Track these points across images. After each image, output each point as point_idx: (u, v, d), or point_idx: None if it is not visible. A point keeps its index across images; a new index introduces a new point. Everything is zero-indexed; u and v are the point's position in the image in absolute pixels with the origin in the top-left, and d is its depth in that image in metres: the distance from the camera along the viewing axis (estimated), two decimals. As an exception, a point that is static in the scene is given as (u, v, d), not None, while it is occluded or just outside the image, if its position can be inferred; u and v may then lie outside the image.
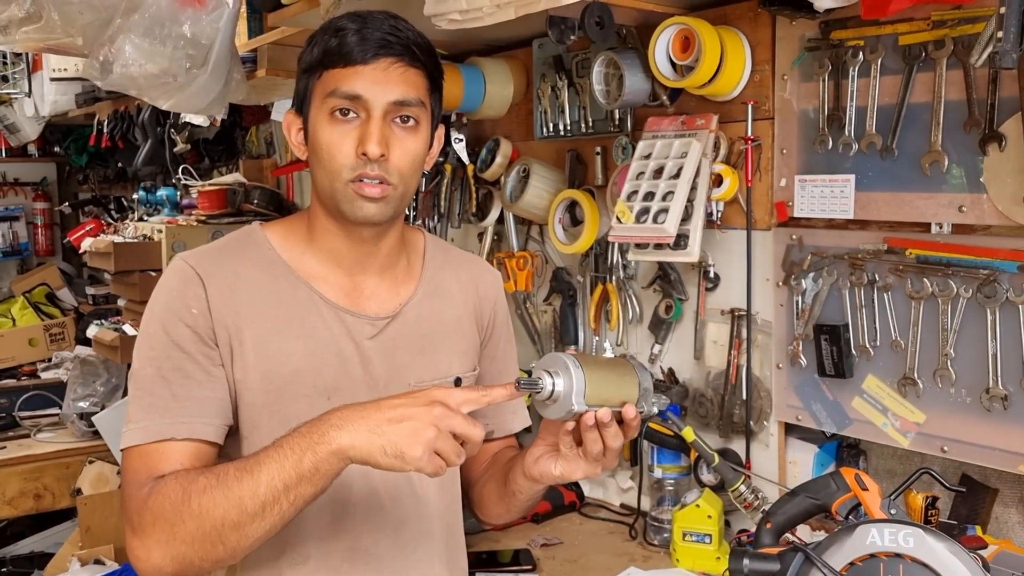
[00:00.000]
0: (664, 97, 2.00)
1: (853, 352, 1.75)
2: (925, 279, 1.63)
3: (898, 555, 1.15)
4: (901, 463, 1.80)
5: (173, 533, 1.12)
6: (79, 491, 3.48)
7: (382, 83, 1.23)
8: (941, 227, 1.62)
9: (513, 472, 1.32)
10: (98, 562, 3.25)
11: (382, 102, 1.24)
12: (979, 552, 1.27)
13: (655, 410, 1.21)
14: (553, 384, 1.13)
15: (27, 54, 3.96)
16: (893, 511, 1.25)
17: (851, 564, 1.18)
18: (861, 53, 1.69)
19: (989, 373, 1.57)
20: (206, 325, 1.25)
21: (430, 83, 1.30)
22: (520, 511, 1.42)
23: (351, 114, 1.24)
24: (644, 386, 1.20)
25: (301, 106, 1.31)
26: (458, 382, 1.40)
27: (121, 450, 1.23)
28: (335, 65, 1.24)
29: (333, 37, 1.24)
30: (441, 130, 1.38)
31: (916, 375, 1.66)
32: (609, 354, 1.21)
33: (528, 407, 1.54)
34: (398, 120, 1.26)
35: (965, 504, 1.68)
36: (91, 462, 3.54)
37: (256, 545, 1.14)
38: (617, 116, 2.16)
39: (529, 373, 1.14)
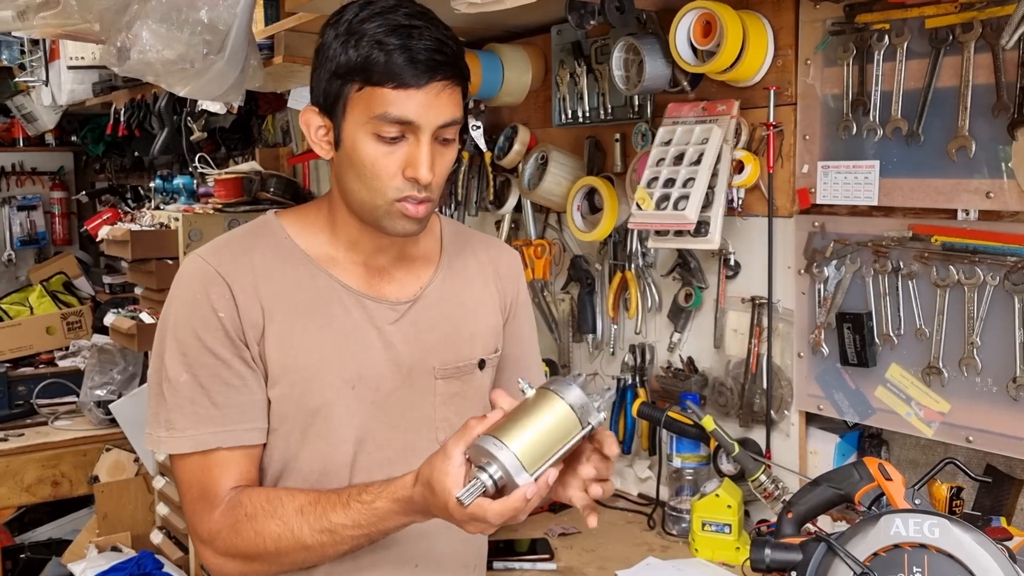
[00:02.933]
0: (685, 83, 1.98)
1: (876, 341, 1.73)
2: (951, 266, 1.61)
3: (923, 546, 1.13)
4: (924, 453, 1.78)
5: (250, 562, 1.23)
6: (96, 478, 3.50)
7: (434, 107, 1.20)
8: (967, 213, 1.60)
9: None
10: (115, 549, 3.28)
11: (432, 126, 1.20)
12: (1005, 544, 1.25)
13: (602, 416, 1.11)
14: (491, 477, 1.05)
15: (44, 42, 3.96)
16: (917, 501, 1.23)
17: (875, 555, 1.16)
18: (887, 37, 1.66)
19: (1016, 362, 1.54)
20: (235, 326, 1.24)
21: (464, 90, 1.26)
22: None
23: (398, 134, 1.21)
24: (577, 404, 1.09)
25: (330, 109, 1.24)
26: (482, 364, 1.39)
27: (172, 457, 1.29)
28: (383, 84, 1.18)
29: (377, 49, 1.17)
30: None
31: (941, 364, 1.64)
32: (527, 393, 1.10)
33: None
34: (440, 139, 1.23)
35: (989, 495, 1.66)
36: (108, 450, 3.56)
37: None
38: (637, 102, 2.14)
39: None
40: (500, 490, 1.06)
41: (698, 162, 1.88)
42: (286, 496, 1.22)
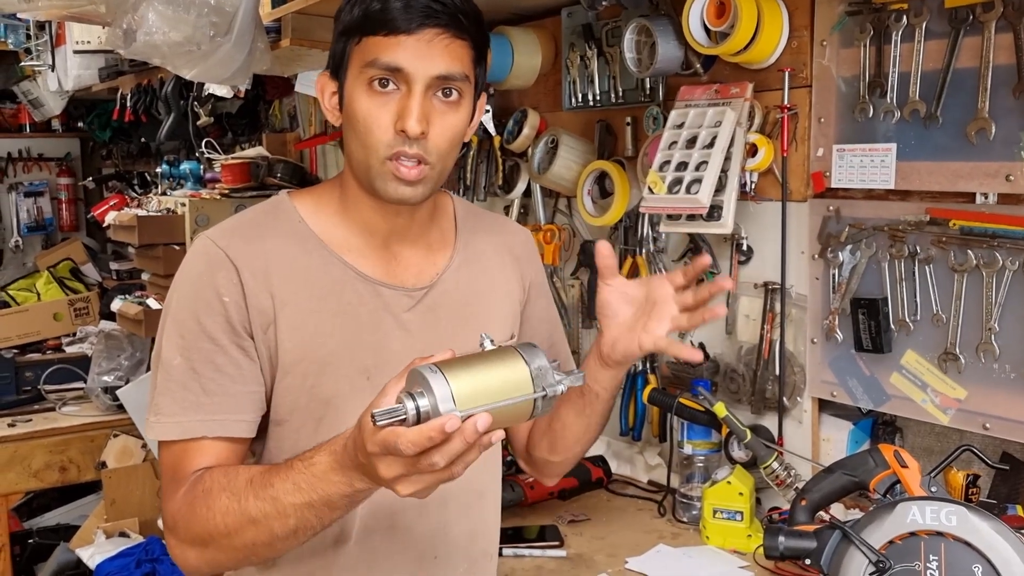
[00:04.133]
0: (697, 65, 1.96)
1: (892, 326, 1.71)
2: (969, 251, 1.58)
3: (940, 533, 1.12)
4: (939, 440, 1.76)
5: (205, 547, 1.15)
6: (104, 464, 3.50)
7: (425, 56, 1.16)
8: (986, 197, 1.57)
9: (590, 371, 1.27)
10: (123, 534, 3.27)
11: (424, 76, 1.16)
12: (1022, 532, 1.23)
13: (560, 388, 1.00)
14: (417, 406, 0.93)
15: (50, 26, 3.94)
16: (934, 489, 1.21)
17: (891, 542, 1.14)
18: (905, 17, 1.64)
19: (1035, 348, 1.52)
20: (240, 314, 1.21)
21: (475, 53, 1.22)
22: (599, 425, 1.36)
23: (390, 86, 1.17)
24: (535, 366, 0.99)
25: (337, 70, 1.24)
26: None
27: (158, 442, 1.24)
28: (376, 32, 1.17)
29: (376, 2, 1.17)
30: (483, 99, 1.31)
31: (958, 350, 1.62)
32: (489, 346, 1.03)
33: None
34: (440, 94, 1.19)
35: (1006, 483, 1.64)
36: (115, 435, 3.56)
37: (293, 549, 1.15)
38: (648, 85, 2.12)
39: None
40: (419, 422, 0.94)
41: (711, 145, 1.85)
42: (243, 470, 1.15)
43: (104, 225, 3.84)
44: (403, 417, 0.93)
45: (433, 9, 1.16)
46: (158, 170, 4.05)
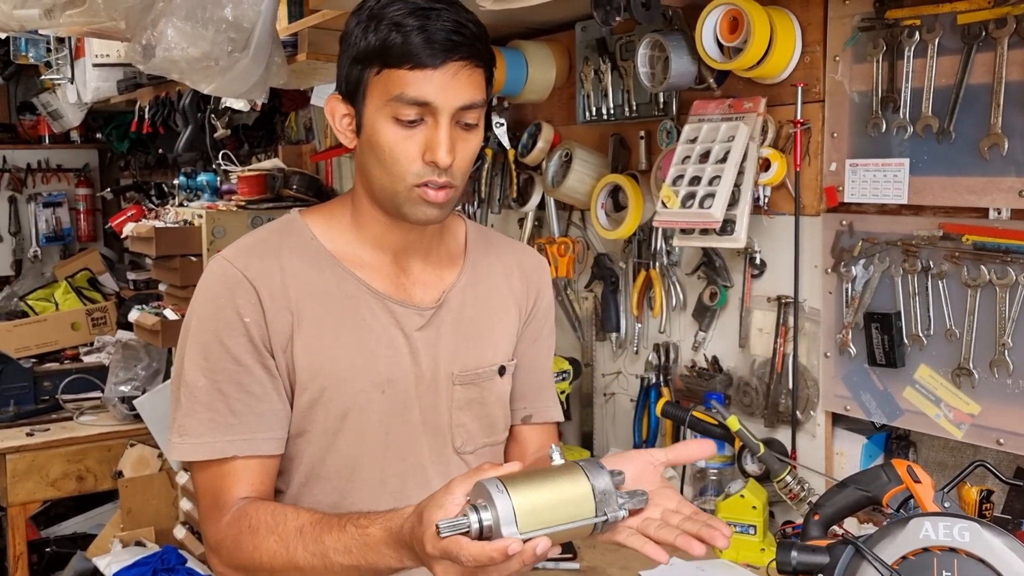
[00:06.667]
0: (711, 80, 1.96)
1: (905, 341, 1.71)
2: (982, 266, 1.59)
3: (953, 549, 1.12)
4: (952, 455, 1.76)
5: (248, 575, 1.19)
6: (120, 473, 3.53)
7: (451, 88, 1.18)
8: (999, 212, 1.58)
9: None
10: (139, 543, 3.29)
11: (450, 108, 1.19)
12: (1037, 548, 1.23)
13: (622, 514, 1.01)
14: (480, 520, 0.95)
15: (70, 40, 3.99)
16: (947, 504, 1.21)
17: (903, 558, 1.14)
18: (917, 33, 1.64)
19: (1049, 364, 1.52)
20: (260, 333, 1.23)
21: (488, 74, 1.25)
22: None
23: (416, 118, 1.19)
24: (600, 488, 0.99)
25: (352, 95, 1.24)
26: (502, 371, 1.38)
27: (192, 464, 1.26)
28: (399, 65, 1.17)
29: (395, 32, 1.17)
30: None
31: (971, 365, 1.62)
32: (557, 460, 1.03)
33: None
34: (463, 122, 1.21)
35: (1020, 498, 1.63)
36: (132, 445, 3.58)
37: None
38: (662, 99, 2.13)
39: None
40: (485, 539, 0.96)
41: (724, 160, 1.86)
42: (291, 514, 1.17)
43: (122, 236, 3.88)
44: (466, 530, 0.95)
45: (454, 42, 1.17)
46: (175, 181, 4.09)
